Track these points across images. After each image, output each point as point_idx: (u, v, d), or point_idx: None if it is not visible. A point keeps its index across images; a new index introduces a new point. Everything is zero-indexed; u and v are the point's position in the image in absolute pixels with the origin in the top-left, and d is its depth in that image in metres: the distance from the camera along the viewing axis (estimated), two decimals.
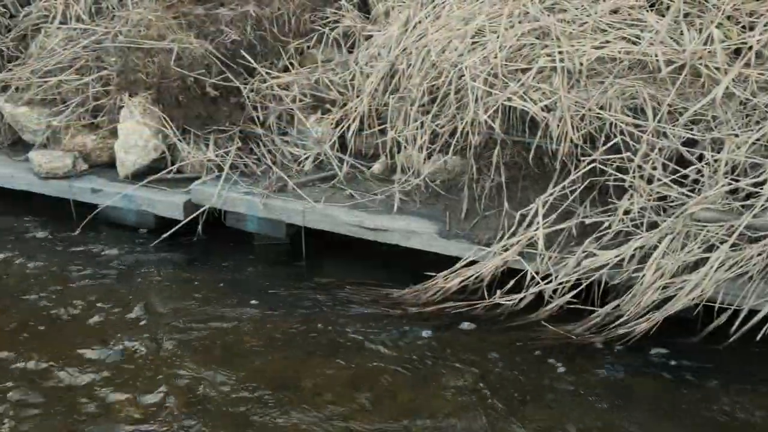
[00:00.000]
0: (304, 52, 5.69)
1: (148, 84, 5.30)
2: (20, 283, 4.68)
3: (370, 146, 5.30)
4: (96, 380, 3.88)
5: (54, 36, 5.83)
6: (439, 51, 4.86)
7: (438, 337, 4.28)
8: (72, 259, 4.97)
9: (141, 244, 5.15)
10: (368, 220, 4.76)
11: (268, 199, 4.94)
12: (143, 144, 5.21)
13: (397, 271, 4.78)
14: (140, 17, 5.56)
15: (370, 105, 5.17)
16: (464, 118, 4.63)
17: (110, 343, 4.17)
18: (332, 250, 5.00)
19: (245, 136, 5.34)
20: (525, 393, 3.89)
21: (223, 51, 5.41)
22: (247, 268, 4.93)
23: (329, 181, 5.12)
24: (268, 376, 3.95)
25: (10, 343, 4.14)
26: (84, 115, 5.51)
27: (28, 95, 5.65)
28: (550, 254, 4.38)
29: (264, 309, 4.49)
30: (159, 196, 5.12)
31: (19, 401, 3.72)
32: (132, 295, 4.61)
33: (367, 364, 4.05)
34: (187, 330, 4.30)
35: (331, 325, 4.36)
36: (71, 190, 5.29)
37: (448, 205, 4.84)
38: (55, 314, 4.40)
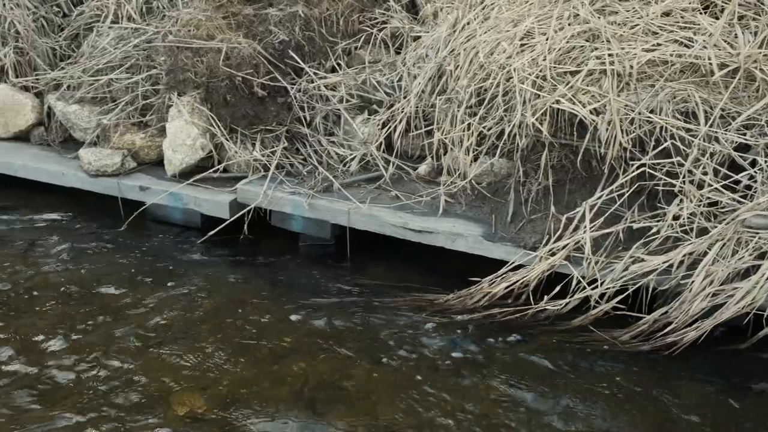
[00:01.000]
0: (351, 53, 5.77)
1: (196, 83, 5.41)
2: (67, 280, 4.81)
3: (417, 147, 5.35)
4: (135, 374, 3.99)
5: (105, 35, 5.97)
6: (488, 53, 4.89)
7: (481, 342, 4.32)
8: (119, 256, 5.10)
9: (187, 242, 5.26)
10: (413, 222, 4.80)
11: (314, 199, 5.02)
12: (191, 143, 5.32)
13: (441, 274, 4.83)
14: (190, 17, 5.67)
15: (417, 106, 5.22)
16: (512, 120, 4.66)
17: (152, 339, 4.27)
18: (376, 251, 5.05)
19: (292, 136, 5.43)
20: (570, 396, 3.91)
21: (272, 51, 5.49)
22: (292, 268, 5.01)
23: (375, 182, 5.19)
24: (308, 378, 4.01)
25: (65, 336, 4.28)
26: (133, 113, 5.65)
27: (79, 93, 5.80)
28: (597, 259, 4.39)
29: (307, 310, 4.56)
30: (205, 195, 5.23)
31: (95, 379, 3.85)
32: (175, 291, 4.71)
33: (410, 369, 4.10)
34: (230, 328, 4.39)
35: (374, 328, 4.42)
36: (119, 187, 5.42)
37: (494, 207, 4.87)
38: (98, 310, 4.52)
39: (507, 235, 4.69)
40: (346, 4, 5.77)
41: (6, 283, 4.75)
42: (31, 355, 4.12)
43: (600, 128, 4.42)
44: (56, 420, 3.68)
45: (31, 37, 6.13)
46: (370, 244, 5.02)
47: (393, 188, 5.11)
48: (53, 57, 6.21)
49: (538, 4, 5.00)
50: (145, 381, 3.95)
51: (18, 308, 4.51)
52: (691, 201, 4.31)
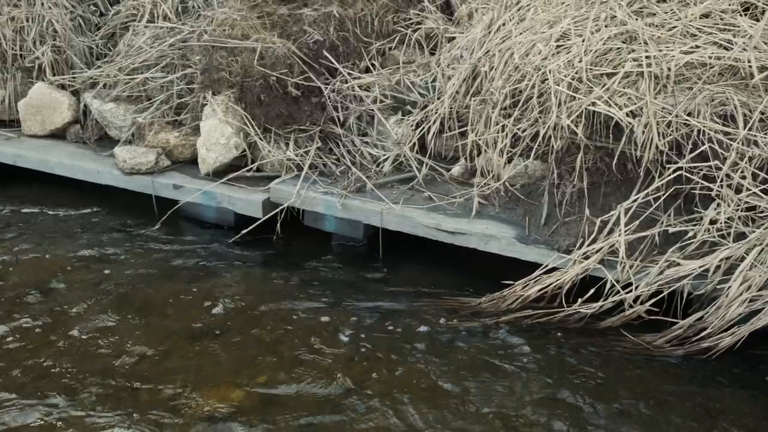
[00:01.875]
0: (386, 53, 5.81)
1: (231, 83, 5.48)
2: (101, 277, 4.89)
3: (450, 148, 5.39)
4: (166, 370, 4.06)
5: (141, 34, 6.07)
6: (523, 54, 4.90)
7: (514, 344, 4.34)
8: (153, 253, 5.17)
9: (220, 240, 5.32)
10: (446, 223, 4.83)
11: (347, 199, 5.06)
12: (225, 142, 5.39)
13: (472, 276, 4.86)
14: (225, 17, 5.74)
15: (451, 107, 5.25)
16: (547, 122, 4.66)
17: (184, 336, 4.34)
18: (408, 251, 5.08)
19: (325, 136, 5.48)
20: (605, 401, 3.92)
21: (306, 51, 5.55)
22: (324, 268, 5.05)
23: (408, 183, 5.22)
24: (337, 378, 4.04)
25: (100, 330, 4.37)
26: (168, 112, 5.73)
27: (115, 92, 5.90)
28: (632, 262, 4.39)
29: (338, 309, 4.61)
30: (238, 194, 5.29)
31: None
32: (209, 290, 4.78)
33: (440, 371, 4.13)
34: (262, 327, 4.44)
35: (405, 330, 4.45)
36: (153, 185, 5.50)
37: (527, 209, 4.89)
38: (132, 307, 4.59)
39: (540, 238, 4.71)
40: (381, 4, 5.81)
41: (41, 278, 4.84)
42: (69, 350, 4.21)
43: (636, 131, 4.42)
44: (97, 415, 3.75)
45: (68, 36, 6.24)
46: (403, 244, 5.05)
47: (426, 189, 5.14)
48: (90, 56, 6.33)
49: (575, 5, 5.00)
50: (174, 377, 4.01)
51: (55, 304, 4.59)
52: (728, 205, 4.30)
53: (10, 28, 6.21)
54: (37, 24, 6.24)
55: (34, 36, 6.22)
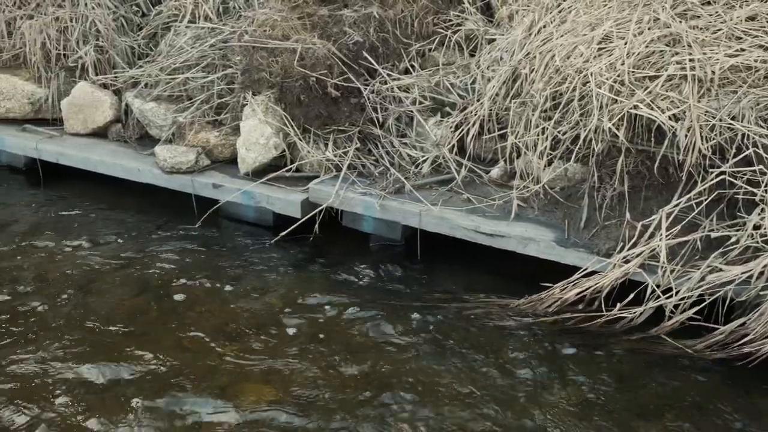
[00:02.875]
0: (425, 55, 5.84)
1: (271, 83, 5.54)
2: (140, 275, 4.97)
3: (489, 151, 5.40)
4: (210, 368, 4.12)
5: (183, 34, 6.16)
6: (564, 56, 4.91)
7: (552, 347, 4.34)
8: (191, 252, 5.25)
9: (259, 240, 5.38)
10: (485, 225, 4.85)
11: (385, 200, 5.10)
12: (264, 142, 5.45)
13: (510, 278, 4.87)
14: (266, 17, 5.81)
15: (491, 109, 5.26)
16: (588, 125, 4.67)
17: (222, 333, 4.40)
18: (446, 253, 5.11)
19: (364, 137, 5.52)
20: (644, 403, 3.92)
21: (346, 52, 5.60)
22: (362, 268, 5.09)
23: (446, 185, 5.25)
24: (373, 377, 4.08)
25: (135, 327, 4.45)
26: (208, 112, 5.81)
27: (156, 91, 5.99)
28: (673, 267, 4.38)
29: (376, 310, 4.64)
30: (278, 194, 5.35)
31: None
32: (247, 289, 4.84)
33: (478, 373, 4.15)
34: (299, 326, 4.49)
35: (442, 331, 4.48)
36: (193, 184, 5.58)
37: (567, 213, 4.89)
38: (171, 306, 4.66)
39: (580, 241, 4.70)
40: (421, 5, 5.84)
41: (81, 274, 4.93)
42: (101, 345, 4.30)
43: (679, 134, 4.41)
44: (140, 410, 3.82)
45: (110, 36, 6.35)
46: (440, 245, 5.07)
47: (465, 191, 5.17)
48: (131, 55, 6.43)
49: (617, 8, 5.00)
50: (211, 375, 4.07)
51: (93, 299, 4.68)
52: None
53: (55, 28, 6.34)
54: (80, 24, 6.36)
55: (78, 36, 6.34)
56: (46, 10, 6.45)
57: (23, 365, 4.09)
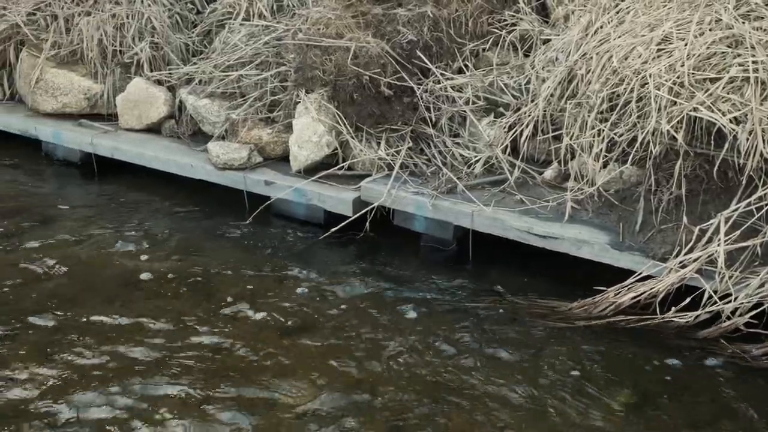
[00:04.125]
0: (479, 55, 5.83)
1: (324, 81, 5.58)
2: (192, 270, 5.02)
3: (543, 152, 5.38)
4: (262, 365, 4.16)
5: (237, 32, 6.23)
6: (622, 57, 4.87)
7: (604, 351, 4.32)
8: (242, 248, 5.30)
9: (310, 237, 5.42)
10: (538, 227, 4.83)
11: (437, 200, 5.10)
12: (317, 140, 5.49)
13: (562, 281, 4.85)
14: (320, 15, 5.85)
15: (545, 110, 5.24)
16: (645, 127, 4.62)
17: (271, 331, 4.43)
18: (498, 254, 5.09)
19: (416, 136, 5.54)
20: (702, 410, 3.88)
21: (399, 51, 5.62)
22: (412, 268, 5.09)
23: (499, 185, 5.23)
24: (424, 379, 4.08)
25: (186, 324, 4.51)
26: (261, 109, 5.86)
27: (209, 88, 6.06)
28: (731, 273, 4.32)
29: (427, 310, 4.65)
30: (329, 192, 5.38)
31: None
32: (298, 286, 4.86)
33: (528, 377, 4.13)
34: (349, 325, 4.51)
35: (494, 333, 4.47)
36: (245, 181, 5.63)
37: (621, 215, 4.85)
38: (222, 301, 4.70)
39: (635, 245, 4.66)
40: (476, 5, 5.84)
41: (133, 268, 5.00)
42: (158, 339, 4.36)
43: (740, 138, 4.35)
44: (195, 404, 3.87)
45: (166, 33, 6.45)
46: (492, 246, 5.06)
47: (518, 192, 5.15)
48: (186, 52, 6.53)
49: (677, 8, 4.94)
50: (264, 371, 4.10)
51: (144, 295, 4.74)
52: None
53: (111, 24, 6.46)
54: (136, 21, 6.47)
55: (134, 32, 6.45)
56: (104, 7, 6.57)
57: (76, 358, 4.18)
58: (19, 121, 6.67)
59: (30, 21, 6.69)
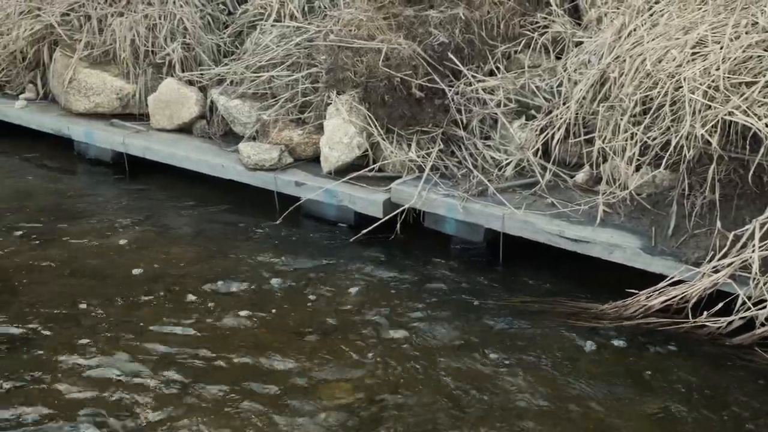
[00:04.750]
0: (511, 57, 5.83)
1: (355, 82, 5.61)
2: (224, 270, 5.08)
3: (574, 155, 5.37)
4: (288, 367, 4.19)
5: (268, 33, 6.27)
6: (655, 60, 4.85)
7: (636, 352, 4.31)
8: (272, 249, 5.33)
9: (340, 238, 5.45)
10: (569, 231, 4.82)
11: (468, 202, 5.11)
12: (347, 141, 5.52)
13: (592, 284, 4.83)
14: (351, 17, 5.88)
15: (577, 113, 5.23)
16: (679, 131, 4.60)
17: (302, 331, 4.47)
18: (528, 257, 5.09)
19: (447, 138, 5.55)
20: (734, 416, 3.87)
21: (431, 53, 5.64)
22: (443, 270, 5.10)
23: (530, 188, 5.23)
24: (453, 381, 4.08)
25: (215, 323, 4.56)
26: (292, 110, 5.90)
27: (241, 89, 6.11)
28: (766, 279, 4.29)
29: (457, 312, 4.65)
30: (360, 193, 5.40)
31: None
32: (327, 287, 4.90)
33: (560, 376, 4.14)
34: (379, 326, 4.53)
35: (524, 333, 4.47)
36: (276, 182, 5.67)
37: (654, 220, 4.83)
38: (251, 302, 4.74)
39: (667, 249, 4.64)
40: (508, 7, 5.84)
41: (162, 267, 5.07)
42: (184, 339, 4.41)
43: None
44: (224, 404, 3.91)
45: (197, 34, 6.52)
46: (522, 249, 5.06)
47: (549, 195, 5.14)
48: (217, 53, 6.59)
49: (713, 11, 4.92)
50: (289, 373, 4.13)
51: (173, 296, 4.79)
52: None
53: (144, 25, 6.53)
54: (168, 22, 6.54)
55: (166, 33, 6.53)
56: (136, 8, 6.65)
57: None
58: (52, 120, 6.76)
59: (64, 21, 6.79)
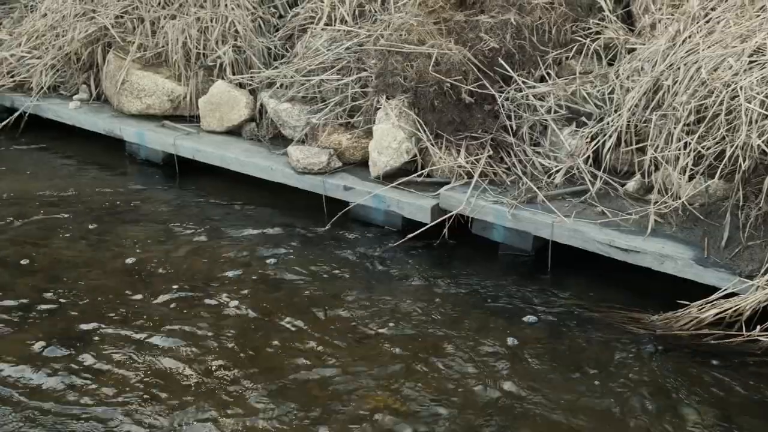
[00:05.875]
0: (562, 63, 5.80)
1: (405, 87, 5.62)
2: (273, 272, 5.13)
3: (625, 163, 5.33)
4: (334, 373, 4.22)
5: (319, 37, 6.31)
6: (711, 69, 4.80)
7: (685, 363, 4.28)
8: (319, 252, 5.38)
9: (387, 243, 5.46)
10: (620, 240, 4.79)
11: (517, 209, 5.10)
12: (396, 146, 5.54)
13: (642, 295, 4.80)
14: (402, 22, 5.91)
15: (629, 121, 5.19)
16: (734, 141, 4.55)
17: (345, 338, 4.50)
18: (576, 265, 5.06)
19: (497, 144, 5.54)
20: None
21: (481, 58, 5.63)
22: (490, 277, 5.09)
23: (580, 196, 5.20)
24: (500, 391, 4.08)
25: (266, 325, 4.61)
26: (341, 114, 5.93)
27: (290, 92, 6.16)
28: None
29: (505, 320, 4.65)
30: (408, 199, 5.42)
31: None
32: (373, 292, 4.93)
33: (608, 387, 4.11)
34: (425, 334, 4.54)
35: (573, 342, 4.46)
36: (324, 186, 5.71)
37: (706, 230, 4.77)
38: (297, 306, 4.78)
39: (720, 261, 4.59)
40: (560, 13, 5.81)
41: (212, 269, 5.13)
42: (226, 342, 4.47)
43: None
44: (268, 409, 3.96)
45: (248, 37, 6.58)
46: (571, 257, 5.04)
47: (599, 203, 5.11)
48: (268, 56, 6.64)
49: None
50: (334, 379, 4.16)
51: (219, 301, 4.84)
52: None
53: (195, 28, 6.62)
54: (220, 24, 6.62)
55: (217, 36, 6.60)
56: (189, 11, 6.73)
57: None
58: (104, 121, 6.88)
59: (118, 23, 6.91)
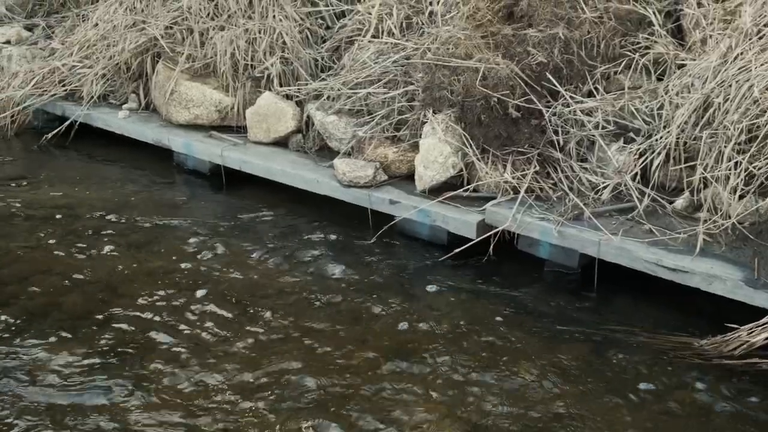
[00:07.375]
0: (610, 78, 5.78)
1: (452, 102, 5.65)
2: (318, 286, 5.20)
3: (674, 180, 5.30)
4: (373, 389, 4.27)
5: (366, 49, 6.36)
6: (763, 87, 4.77)
7: (732, 391, 4.25)
8: (365, 266, 5.44)
9: (432, 258, 5.50)
10: (667, 259, 4.77)
11: (563, 226, 5.10)
12: (442, 161, 5.57)
13: (690, 316, 4.79)
14: (449, 35, 5.93)
15: (678, 138, 5.17)
16: None
17: (387, 351, 4.55)
18: (623, 284, 5.06)
19: (543, 160, 5.54)
20: None
21: (528, 72, 5.64)
22: (535, 294, 5.11)
23: (627, 213, 5.19)
24: (544, 409, 4.10)
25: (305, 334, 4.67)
26: (387, 127, 5.97)
27: (337, 105, 6.22)
28: None
29: (550, 338, 4.67)
30: (453, 214, 5.45)
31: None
32: (418, 307, 4.97)
33: (652, 412, 4.10)
34: (469, 350, 4.57)
35: (617, 364, 4.45)
36: (370, 199, 5.76)
37: (757, 251, 4.74)
38: (341, 318, 4.85)
39: None
40: (609, 27, 5.79)
41: (256, 280, 5.23)
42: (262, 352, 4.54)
43: None
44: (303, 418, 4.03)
45: (296, 48, 6.66)
46: (617, 275, 5.03)
47: (646, 221, 5.09)
48: (315, 68, 6.71)
49: None
50: (374, 395, 4.20)
51: (260, 310, 4.93)
52: None
53: (244, 39, 6.71)
54: (268, 36, 6.70)
55: (265, 47, 6.68)
56: (237, 22, 6.83)
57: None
58: (153, 131, 7.01)
59: (167, 34, 7.04)
